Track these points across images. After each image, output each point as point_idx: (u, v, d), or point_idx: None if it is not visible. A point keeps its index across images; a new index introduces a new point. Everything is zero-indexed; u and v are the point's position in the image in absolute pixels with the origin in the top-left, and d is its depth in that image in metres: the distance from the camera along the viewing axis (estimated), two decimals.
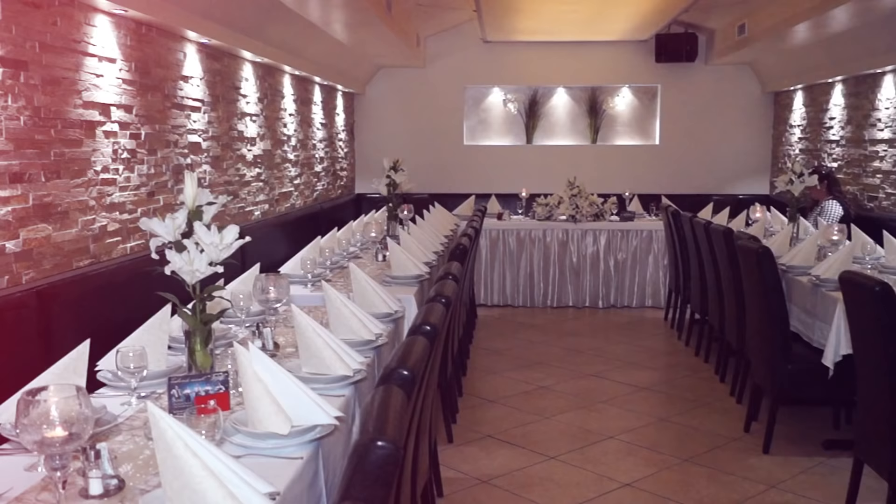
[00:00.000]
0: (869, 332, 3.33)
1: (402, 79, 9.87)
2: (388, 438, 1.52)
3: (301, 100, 7.51)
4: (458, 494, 3.96)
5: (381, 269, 4.94)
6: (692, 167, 9.75)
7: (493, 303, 8.41)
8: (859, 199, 7.35)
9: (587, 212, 8.28)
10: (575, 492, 4.00)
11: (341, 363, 2.56)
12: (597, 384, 5.80)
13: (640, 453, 4.52)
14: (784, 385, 4.39)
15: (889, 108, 6.87)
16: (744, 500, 3.90)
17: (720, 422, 4.99)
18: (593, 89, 9.98)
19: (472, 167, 9.91)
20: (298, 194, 7.37)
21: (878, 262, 5.03)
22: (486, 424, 4.95)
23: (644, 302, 8.37)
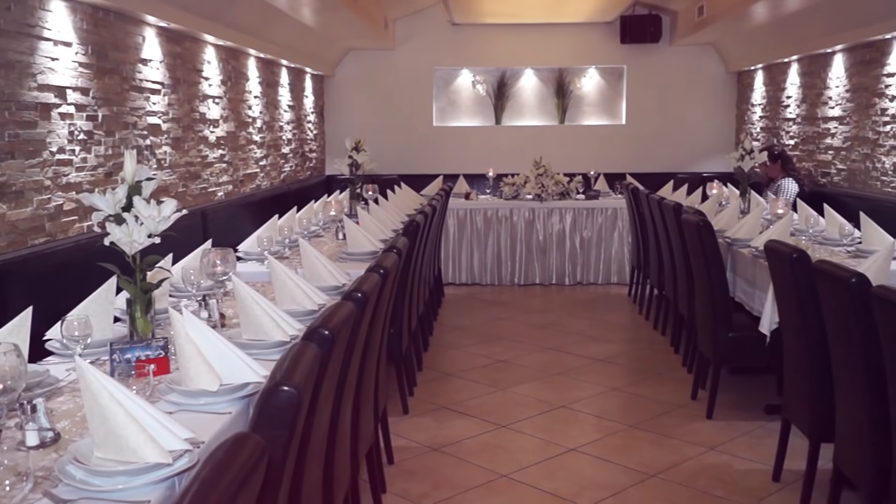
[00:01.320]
0: (788, 298, 3.50)
1: (371, 61, 9.96)
2: (292, 384, 1.67)
3: (267, 82, 7.61)
4: (409, 462, 4.12)
5: (340, 247, 5.09)
6: (658, 146, 9.91)
7: (461, 281, 8.56)
8: (813, 175, 7.54)
9: (553, 191, 8.44)
10: (521, 457, 4.17)
11: (279, 329, 2.70)
12: (555, 357, 5.97)
13: (589, 421, 4.70)
14: (725, 353, 4.58)
15: (839, 86, 7.05)
16: (682, 462, 4.08)
17: (669, 390, 5.17)
18: (560, 70, 10.11)
19: (442, 148, 10.04)
20: (264, 175, 7.48)
21: (820, 235, 5.21)
22: (443, 396, 5.11)
23: (609, 279, 8.54)
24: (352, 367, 2.72)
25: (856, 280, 2.84)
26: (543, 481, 3.87)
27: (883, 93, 6.25)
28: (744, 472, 3.95)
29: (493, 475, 3.95)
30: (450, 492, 3.77)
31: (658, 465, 4.04)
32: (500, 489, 3.81)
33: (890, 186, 6.12)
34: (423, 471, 4.01)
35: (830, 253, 4.76)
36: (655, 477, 3.91)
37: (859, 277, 2.84)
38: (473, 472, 3.98)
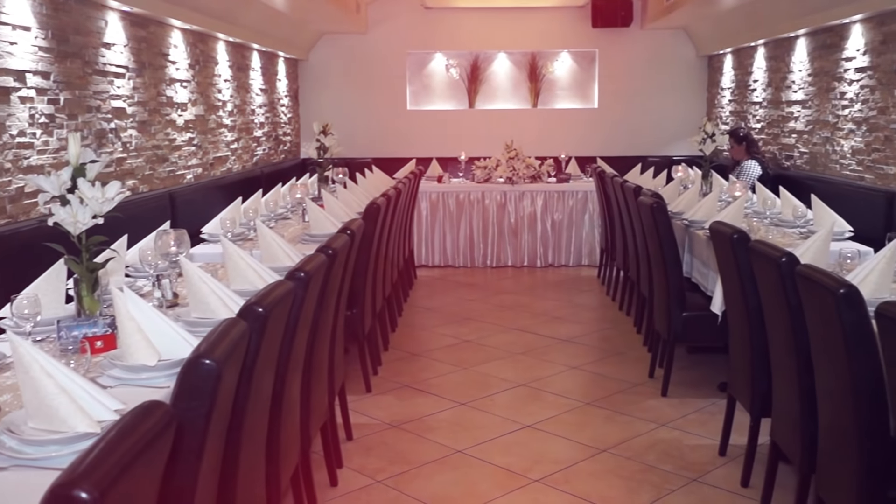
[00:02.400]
0: (730, 277, 3.61)
1: (345, 45, 10.00)
2: (212, 357, 1.75)
3: (238, 66, 7.65)
4: (367, 438, 4.22)
5: (304, 229, 5.16)
6: (629, 129, 10.00)
7: (434, 263, 8.65)
8: (778, 158, 7.65)
9: (524, 174, 8.52)
10: (477, 433, 4.27)
11: (225, 308, 2.78)
12: (519, 337, 6.07)
13: (547, 398, 4.80)
14: (678, 332, 4.69)
15: (801, 70, 7.15)
16: (633, 438, 4.19)
17: (628, 369, 5.29)
18: (533, 54, 10.17)
19: (416, 132, 10.10)
20: (236, 158, 7.53)
21: (777, 217, 5.32)
22: (406, 375, 5.20)
23: (580, 261, 8.65)
24: (296, 345, 2.80)
25: (785, 259, 2.94)
26: (497, 456, 3.97)
27: (842, 77, 6.35)
28: (692, 447, 4.07)
29: (449, 451, 4.05)
30: (405, 466, 3.87)
31: (610, 440, 4.16)
32: (454, 464, 3.91)
33: (848, 169, 6.24)
34: (381, 447, 4.11)
35: (783, 234, 4.87)
36: (606, 452, 4.02)
37: (788, 257, 2.94)
38: (430, 448, 4.08)
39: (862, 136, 6.02)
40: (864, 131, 5.99)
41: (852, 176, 6.15)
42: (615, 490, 3.62)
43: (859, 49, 6.07)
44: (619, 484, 3.67)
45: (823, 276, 2.57)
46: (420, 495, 3.58)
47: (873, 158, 5.85)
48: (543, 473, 3.78)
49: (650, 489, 3.62)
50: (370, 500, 3.56)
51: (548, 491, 3.62)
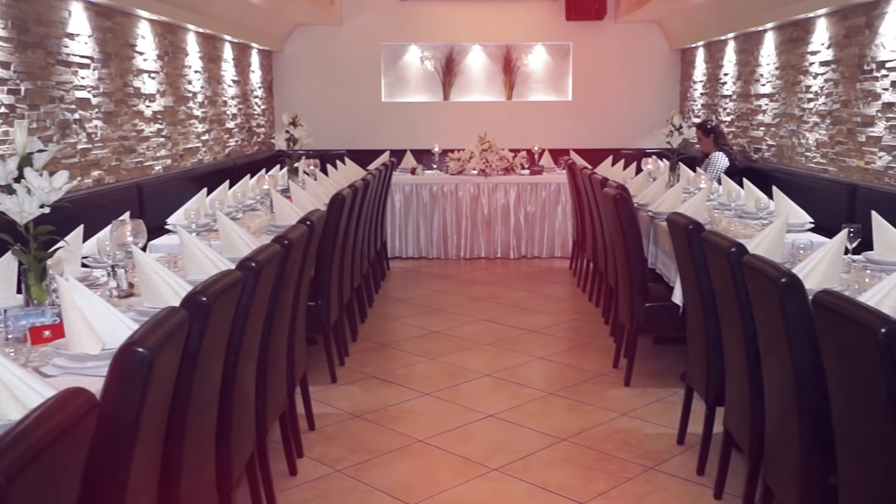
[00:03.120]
0: (686, 268, 3.65)
1: (319, 36, 9.97)
2: (145, 345, 1.76)
3: (209, 57, 7.62)
4: (330, 428, 4.23)
5: (271, 220, 5.16)
6: (603, 122, 10.04)
7: (407, 255, 8.67)
8: (747, 150, 7.71)
9: (497, 166, 8.55)
10: (439, 422, 4.30)
11: (177, 297, 2.78)
12: (488, 328, 6.10)
13: (511, 388, 4.83)
14: (641, 322, 4.73)
15: (769, 64, 7.21)
16: (593, 427, 4.23)
17: (594, 359, 5.33)
18: (508, 47, 10.18)
19: (391, 124, 10.10)
20: (207, 150, 7.51)
21: (741, 209, 5.37)
22: (372, 366, 5.22)
23: (553, 252, 8.69)
24: (249, 334, 2.81)
25: (734, 249, 2.97)
26: (457, 445, 4.00)
27: (807, 70, 6.41)
28: (651, 436, 4.11)
29: (410, 440, 4.07)
30: (365, 456, 3.89)
31: (570, 429, 4.19)
32: (414, 453, 3.94)
33: (813, 162, 6.30)
34: (343, 436, 4.13)
35: (745, 226, 4.91)
36: (566, 441, 4.06)
37: (737, 247, 2.98)
38: (391, 438, 4.11)
39: (826, 128, 6.08)
40: (828, 124, 6.05)
41: (817, 168, 6.22)
42: (572, 478, 3.65)
43: (824, 43, 6.13)
44: (577, 472, 3.71)
45: (767, 265, 2.61)
46: (378, 484, 3.60)
47: (836, 151, 5.91)
48: (502, 462, 3.81)
49: (607, 477, 3.66)
50: (328, 489, 3.58)
51: (505, 479, 3.65)
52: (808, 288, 3.07)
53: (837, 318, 2.12)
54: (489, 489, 3.57)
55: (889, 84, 5.23)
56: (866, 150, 5.50)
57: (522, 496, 3.50)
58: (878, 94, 5.35)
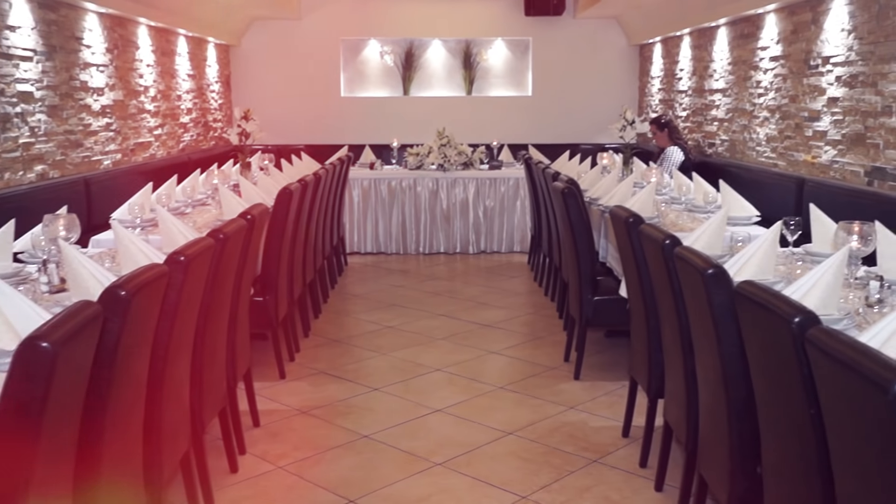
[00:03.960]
0: (627, 260, 3.66)
1: (278, 31, 9.90)
2: (49, 340, 1.72)
3: (162, 51, 7.53)
4: (275, 424, 4.20)
5: (220, 216, 5.10)
6: (563, 117, 10.07)
7: (366, 250, 8.64)
8: (701, 145, 7.77)
9: (455, 161, 8.54)
10: (386, 418, 4.28)
11: None
12: (442, 323, 6.08)
13: (461, 383, 4.82)
14: (590, 315, 4.74)
15: (722, 59, 7.26)
16: (540, 421, 4.23)
17: (545, 353, 5.33)
18: (467, 42, 10.18)
19: (350, 118, 10.06)
20: (160, 144, 7.42)
21: (691, 202, 5.40)
22: (323, 362, 5.19)
23: (512, 247, 8.70)
24: (178, 329, 2.77)
25: (668, 241, 2.98)
26: (402, 441, 3.99)
27: (757, 66, 6.46)
28: (597, 429, 4.12)
29: (355, 436, 4.05)
30: (309, 452, 3.86)
31: (517, 423, 4.19)
32: (358, 449, 3.91)
33: (763, 156, 6.36)
34: (287, 432, 4.09)
35: (693, 219, 4.94)
36: (512, 435, 4.05)
37: (671, 239, 2.99)
38: (337, 434, 4.08)
39: (775, 123, 6.14)
40: (777, 119, 6.11)
41: (767, 163, 6.28)
42: (515, 472, 3.65)
43: (773, 38, 6.18)
44: (520, 466, 3.71)
45: (695, 257, 2.62)
46: (319, 480, 3.57)
47: (785, 145, 5.97)
48: (446, 457, 3.80)
49: (550, 471, 3.66)
50: (268, 485, 3.55)
51: (448, 474, 3.64)
52: (742, 280, 3.11)
53: (756, 308, 2.13)
54: (431, 484, 3.55)
55: (834, 79, 5.29)
56: (813, 145, 5.56)
57: (464, 490, 3.49)
58: (824, 88, 5.41)
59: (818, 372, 1.80)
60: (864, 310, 2.67)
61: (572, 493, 3.46)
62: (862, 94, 4.99)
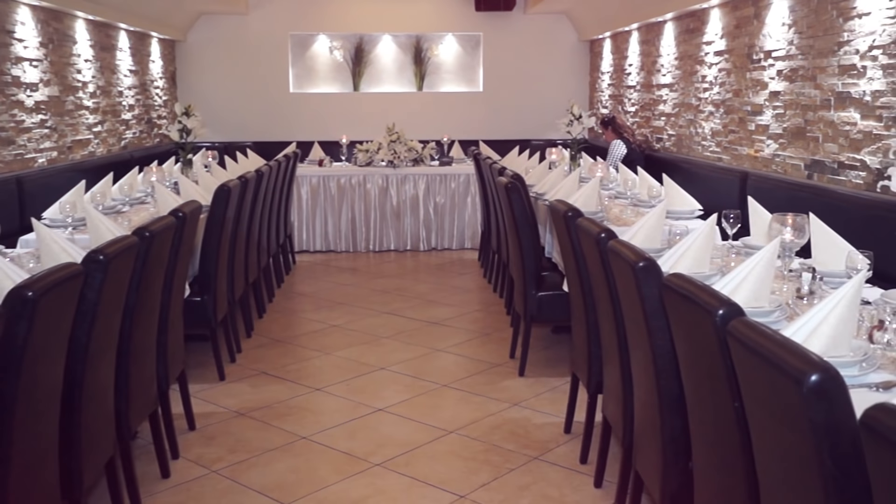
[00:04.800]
0: (566, 254, 3.62)
1: (225, 26, 9.74)
2: None
3: (101, 46, 7.34)
4: (211, 427, 4.09)
5: (156, 214, 4.98)
6: (514, 113, 10.05)
7: (315, 248, 8.53)
8: (650, 140, 7.79)
9: (405, 157, 8.46)
10: (326, 419, 4.20)
11: None
12: (389, 321, 6.01)
13: (404, 381, 4.76)
14: (534, 311, 4.70)
15: (669, 54, 7.28)
16: (482, 418, 4.18)
17: (492, 350, 5.29)
18: (418, 37, 10.11)
19: (300, 115, 9.93)
20: (100, 142, 7.24)
21: (636, 197, 5.39)
22: (264, 362, 5.09)
23: (463, 244, 8.64)
24: (98, 331, 2.67)
25: (603, 235, 2.95)
26: (341, 441, 3.91)
27: (703, 60, 6.48)
28: (539, 426, 4.08)
29: (294, 437, 3.96)
30: (245, 455, 3.76)
31: (459, 421, 4.14)
32: (296, 451, 3.83)
33: (708, 150, 6.38)
34: (224, 436, 3.99)
35: (637, 213, 4.93)
36: (453, 433, 4.00)
37: (606, 233, 2.95)
38: (274, 435, 3.99)
39: (720, 118, 6.16)
40: (721, 113, 6.13)
41: (712, 157, 6.30)
42: (454, 471, 3.59)
43: (717, 33, 6.20)
44: (460, 465, 3.66)
45: (627, 250, 2.58)
46: (254, 484, 3.49)
47: (729, 140, 5.99)
48: (385, 457, 3.73)
49: (489, 469, 3.61)
50: (201, 490, 3.45)
51: (386, 474, 3.57)
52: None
53: (682, 300, 2.10)
54: (368, 485, 3.48)
55: (775, 73, 5.31)
56: (756, 139, 5.58)
57: (401, 491, 3.43)
58: (766, 83, 5.43)
59: (739, 365, 1.76)
60: (794, 302, 2.65)
61: (511, 492, 3.41)
62: (802, 88, 5.02)
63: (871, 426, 1.23)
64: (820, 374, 1.44)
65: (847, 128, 4.55)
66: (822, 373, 1.44)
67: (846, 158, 4.58)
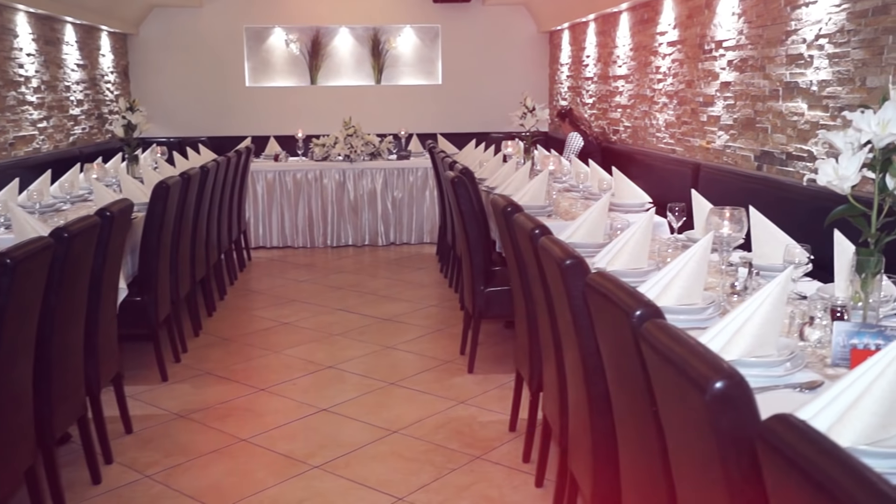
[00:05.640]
0: (508, 249, 3.55)
1: (178, 19, 9.56)
2: None
3: (45, 40, 7.16)
4: (149, 430, 3.98)
5: None
6: (474, 106, 9.96)
7: (272, 244, 8.41)
8: (607, 132, 7.74)
9: (362, 151, 8.35)
10: (269, 419, 4.10)
11: None
12: (341, 318, 5.91)
13: (352, 380, 4.67)
14: (482, 307, 4.63)
15: (624, 45, 7.23)
16: (427, 417, 4.10)
17: (442, 347, 5.21)
18: (375, 30, 9.98)
19: (256, 109, 9.78)
20: (46, 138, 7.06)
21: (588, 189, 5.33)
22: (210, 362, 4.97)
23: (422, 238, 8.56)
24: (10, 335, 2.55)
25: (537, 231, 2.88)
26: (282, 443, 3.82)
27: (656, 51, 6.44)
28: (484, 424, 4.01)
29: (233, 439, 3.86)
30: (180, 459, 3.66)
31: (403, 421, 4.06)
32: (234, 453, 3.73)
33: (663, 142, 6.33)
34: (161, 439, 3.88)
35: (586, 207, 4.85)
36: (397, 433, 3.92)
37: (540, 229, 2.88)
38: (213, 438, 3.89)
39: (673, 109, 6.12)
40: (675, 104, 6.09)
41: (666, 149, 6.25)
42: (395, 472, 3.51)
43: (670, 23, 6.16)
44: (401, 466, 3.58)
45: (556, 246, 2.51)
46: (187, 489, 3.38)
47: (682, 131, 5.95)
48: (325, 459, 3.64)
49: (431, 469, 3.54)
50: (132, 496, 3.34)
51: (324, 477, 3.49)
52: (614, 269, 3.02)
53: (602, 299, 2.03)
54: (305, 488, 3.39)
55: (726, 63, 5.27)
56: (707, 130, 5.54)
57: (338, 494, 3.34)
58: (717, 73, 5.39)
59: (651, 368, 1.70)
60: (724, 298, 2.59)
61: (451, 493, 3.34)
62: (752, 79, 4.98)
63: (767, 438, 1.16)
64: (724, 382, 1.37)
65: (795, 118, 4.52)
66: (726, 380, 1.37)
67: (794, 149, 4.55)
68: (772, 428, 1.17)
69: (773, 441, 1.15)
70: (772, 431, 1.17)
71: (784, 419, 1.17)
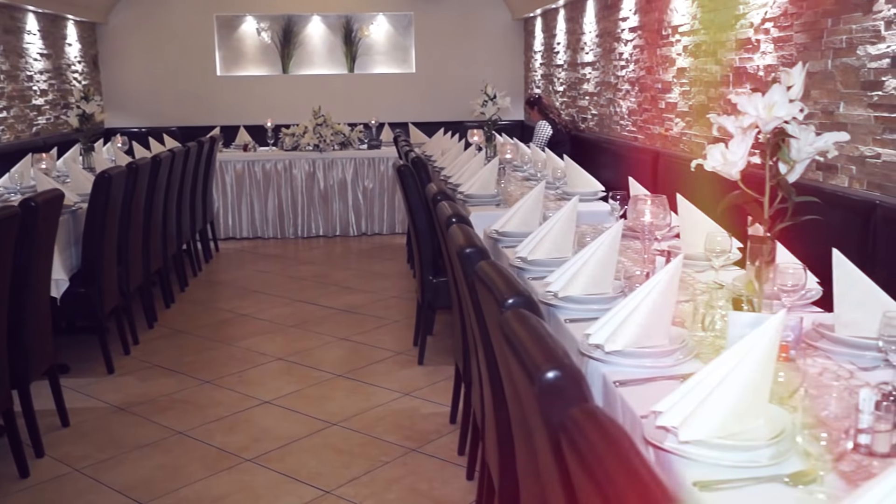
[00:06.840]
0: (440, 237, 3.49)
1: (148, 6, 9.47)
2: None
3: (5, 29, 7.08)
4: (86, 423, 3.94)
5: None
6: (448, 94, 9.87)
7: (242, 235, 8.35)
8: (576, 120, 7.67)
9: (332, 141, 8.28)
10: (209, 412, 4.06)
11: None
12: (299, 309, 5.86)
13: (299, 372, 4.62)
14: (430, 297, 4.58)
15: (591, 32, 7.16)
16: (370, 409, 4.06)
17: (396, 338, 5.16)
18: (348, 17, 9.90)
19: (228, 99, 9.70)
20: (6, 128, 7.00)
21: (545, 178, 5.28)
22: (160, 355, 4.92)
23: (394, 228, 8.50)
24: None
25: (454, 219, 2.83)
26: (217, 436, 3.77)
27: (620, 37, 6.37)
28: (425, 416, 3.97)
29: (170, 433, 3.82)
30: (113, 452, 3.62)
31: (345, 413, 4.01)
32: (168, 447, 3.68)
33: (626, 130, 6.28)
34: (98, 432, 3.84)
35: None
36: (336, 426, 3.88)
37: (456, 217, 2.83)
38: (150, 431, 3.84)
39: (635, 96, 6.06)
40: (636, 91, 6.03)
41: (629, 136, 6.20)
42: (327, 465, 3.47)
43: (631, 9, 6.09)
44: (334, 459, 3.53)
45: (461, 234, 2.46)
46: (116, 483, 3.34)
47: (644, 119, 5.90)
48: (259, 452, 3.60)
49: (363, 462, 3.49)
50: (59, 491, 3.30)
51: (256, 470, 3.44)
52: (536, 258, 2.97)
53: (484, 289, 1.98)
54: (235, 482, 3.35)
55: (682, 49, 5.21)
56: (666, 117, 5.49)
57: (266, 488, 3.30)
58: (674, 59, 5.33)
59: (502, 358, 1.65)
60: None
61: (380, 486, 3.30)
62: (705, 64, 4.92)
63: (569, 431, 1.12)
64: (556, 371, 1.32)
65: None
66: (558, 370, 1.32)
67: None
68: (575, 418, 1.13)
69: (575, 436, 1.11)
70: (575, 422, 1.12)
71: (587, 410, 1.12)
